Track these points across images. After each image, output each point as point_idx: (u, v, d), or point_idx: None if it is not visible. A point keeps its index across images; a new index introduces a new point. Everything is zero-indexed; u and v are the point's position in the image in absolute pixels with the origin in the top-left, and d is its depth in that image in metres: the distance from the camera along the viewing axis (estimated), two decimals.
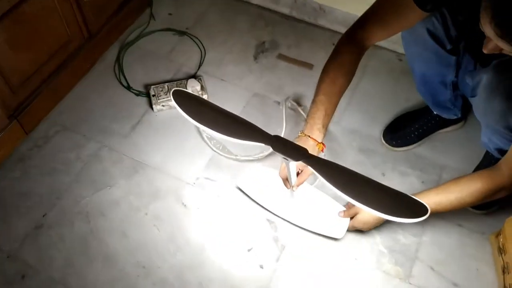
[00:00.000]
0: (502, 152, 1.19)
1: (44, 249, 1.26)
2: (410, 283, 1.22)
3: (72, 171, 1.39)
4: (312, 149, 1.11)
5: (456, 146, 1.46)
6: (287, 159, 1.01)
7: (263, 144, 0.98)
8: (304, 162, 0.97)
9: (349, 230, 1.27)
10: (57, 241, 1.27)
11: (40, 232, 1.29)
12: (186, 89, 1.52)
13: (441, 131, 1.47)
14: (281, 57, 1.67)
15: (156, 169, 1.41)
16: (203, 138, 1.45)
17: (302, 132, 1.13)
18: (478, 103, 1.12)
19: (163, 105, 1.51)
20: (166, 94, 1.51)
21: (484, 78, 1.05)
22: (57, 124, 1.49)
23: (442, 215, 1.22)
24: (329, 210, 1.30)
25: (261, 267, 1.24)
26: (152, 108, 1.51)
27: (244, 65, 1.66)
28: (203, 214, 1.33)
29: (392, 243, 1.28)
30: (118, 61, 1.64)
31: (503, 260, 1.17)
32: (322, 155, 1.17)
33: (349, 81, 1.16)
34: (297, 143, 1.04)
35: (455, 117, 1.43)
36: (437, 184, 1.37)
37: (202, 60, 1.65)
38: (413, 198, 0.93)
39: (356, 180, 0.95)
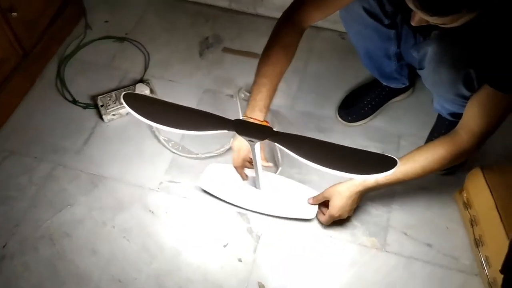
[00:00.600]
0: (455, 115, 1.24)
1: (11, 281, 1.19)
2: (386, 251, 1.24)
3: (27, 196, 1.32)
4: None
5: (409, 113, 1.50)
6: (252, 141, 1.00)
7: (225, 132, 0.97)
8: (270, 139, 0.97)
9: (327, 224, 1.26)
10: (23, 270, 1.20)
11: (3, 265, 1.21)
12: None
13: (392, 100, 1.50)
14: (226, 50, 1.66)
15: (116, 180, 1.36)
16: (160, 141, 1.42)
17: (245, 114, 1.13)
18: (427, 75, 1.15)
19: (113, 114, 1.46)
20: (115, 103, 1.46)
21: (429, 50, 1.08)
22: (4, 150, 1.41)
23: (407, 181, 1.25)
24: (296, 193, 1.30)
25: (240, 260, 1.23)
26: (103, 119, 1.46)
27: (191, 63, 1.63)
28: (172, 218, 1.30)
29: (364, 216, 1.29)
30: (59, 75, 1.57)
31: (469, 214, 1.22)
32: None
33: (288, 62, 1.16)
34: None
35: (403, 86, 1.46)
36: (397, 152, 1.41)
37: (147, 64, 1.61)
38: (380, 154, 0.96)
39: (324, 148, 0.97)
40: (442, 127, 1.37)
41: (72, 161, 1.39)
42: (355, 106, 1.47)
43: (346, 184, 1.18)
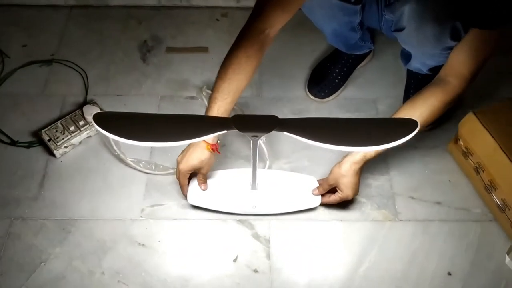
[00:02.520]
0: (434, 68, 1.21)
1: None
2: (400, 220, 1.18)
3: None
4: (201, 152, 1.07)
5: (376, 76, 1.46)
6: (256, 136, 0.89)
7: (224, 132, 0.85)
8: (278, 130, 0.86)
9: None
10: None
11: None
12: (85, 119, 1.29)
13: (358, 67, 1.45)
14: (170, 50, 1.51)
15: (90, 219, 1.17)
16: (128, 164, 1.25)
17: None
18: (408, 35, 1.10)
19: (65, 147, 1.26)
20: (63, 133, 1.26)
21: (407, 9, 1.02)
22: None
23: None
24: (293, 184, 1.20)
25: (256, 271, 1.11)
26: (54, 155, 1.25)
27: (135, 71, 1.46)
28: (167, 245, 1.14)
29: (366, 190, 1.22)
30: None
31: (472, 162, 1.19)
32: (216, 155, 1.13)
33: (248, 77, 1.06)
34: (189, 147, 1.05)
35: (369, 50, 1.41)
36: (377, 116, 1.36)
37: (86, 83, 1.42)
38: (397, 118, 0.90)
39: (340, 125, 0.88)
40: (417, 83, 1.33)
41: (30, 211, 1.18)
42: (325, 80, 1.39)
43: (347, 163, 1.10)
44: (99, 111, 1.29)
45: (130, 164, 1.24)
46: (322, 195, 1.17)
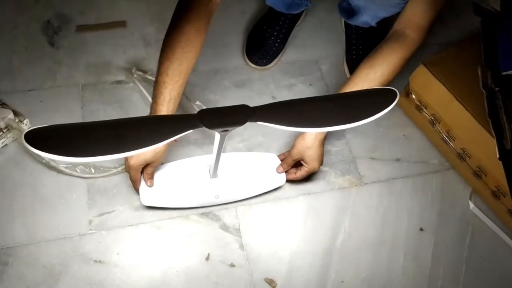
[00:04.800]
0: (381, 21, 1.16)
1: None
2: (365, 183, 1.16)
3: None
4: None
5: (313, 35, 1.38)
6: (227, 130, 0.78)
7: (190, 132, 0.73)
8: (252, 120, 0.75)
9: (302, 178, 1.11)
10: None
11: None
12: None
13: (295, 27, 1.36)
14: (82, 28, 1.29)
15: (29, 244, 0.99)
16: (62, 171, 1.06)
17: None
18: None
19: None
20: None
21: None
22: None
23: None
24: (254, 164, 1.11)
25: (232, 265, 1.02)
26: None
27: (45, 59, 1.23)
28: (128, 255, 1.01)
29: (327, 158, 1.17)
30: None
31: (427, 114, 1.18)
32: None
33: (197, 53, 0.94)
34: None
35: (306, 7, 1.32)
36: (322, 78, 1.30)
37: None
38: (375, 89, 0.88)
39: (316, 107, 0.80)
40: (359, 37, 1.28)
41: None
42: (264, 45, 1.28)
43: (311, 135, 1.03)
44: (10, 112, 1.08)
45: (64, 171, 1.06)
46: (288, 172, 1.10)
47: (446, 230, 1.12)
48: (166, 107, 0.93)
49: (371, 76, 1.00)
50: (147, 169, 1.01)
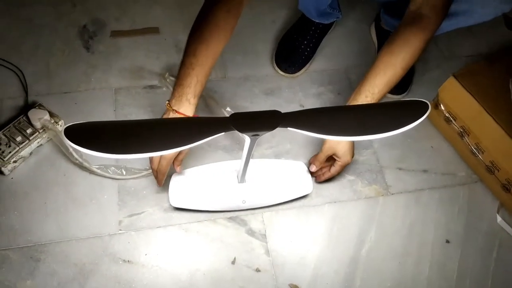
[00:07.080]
0: None
1: None
2: (392, 194, 1.16)
3: None
4: None
5: (342, 45, 1.39)
6: (257, 135, 0.79)
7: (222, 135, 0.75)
8: (282, 126, 0.77)
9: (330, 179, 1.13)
10: None
11: None
12: (32, 126, 1.11)
13: (325, 37, 1.37)
14: (116, 34, 1.33)
15: (61, 241, 1.02)
16: (94, 172, 1.09)
17: (169, 104, 0.92)
18: None
19: (14, 161, 1.08)
20: (9, 146, 1.07)
21: None
22: None
23: None
24: (282, 171, 1.12)
25: (258, 270, 1.03)
26: (2, 172, 1.07)
27: (79, 62, 1.28)
28: (156, 257, 1.03)
29: (354, 167, 1.18)
30: None
31: (456, 126, 1.18)
32: None
33: (224, 43, 0.94)
34: None
35: (337, 19, 1.33)
36: (351, 87, 1.30)
37: (24, 82, 1.21)
38: (406, 100, 0.88)
39: (345, 115, 0.81)
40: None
41: None
42: (294, 53, 1.30)
43: None
44: (47, 115, 1.11)
45: (96, 171, 1.09)
46: (322, 172, 1.11)
47: (473, 242, 1.11)
48: (193, 90, 0.91)
49: (392, 62, 0.98)
50: (178, 157, 1.01)
